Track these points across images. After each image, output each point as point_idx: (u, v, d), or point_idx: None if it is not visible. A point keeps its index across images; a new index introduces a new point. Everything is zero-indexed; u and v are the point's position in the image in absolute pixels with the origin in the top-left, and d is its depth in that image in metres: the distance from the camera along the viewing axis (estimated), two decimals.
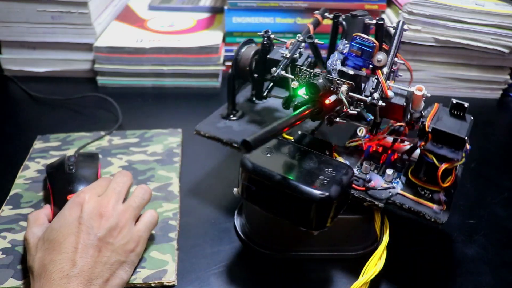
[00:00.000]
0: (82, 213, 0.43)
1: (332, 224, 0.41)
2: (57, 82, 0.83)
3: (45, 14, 0.78)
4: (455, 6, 0.75)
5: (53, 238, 0.42)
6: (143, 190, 0.49)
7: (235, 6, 0.82)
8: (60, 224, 0.43)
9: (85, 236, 0.42)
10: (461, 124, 0.44)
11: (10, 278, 0.45)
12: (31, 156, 0.63)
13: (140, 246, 0.46)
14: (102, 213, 0.44)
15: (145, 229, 0.47)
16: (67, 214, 0.44)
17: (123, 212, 0.45)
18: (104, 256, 0.42)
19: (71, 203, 0.45)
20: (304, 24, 0.83)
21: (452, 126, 0.44)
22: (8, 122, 0.72)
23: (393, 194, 0.44)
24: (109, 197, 0.46)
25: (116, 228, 0.44)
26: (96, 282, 0.40)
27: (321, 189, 0.39)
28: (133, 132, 0.68)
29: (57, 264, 0.40)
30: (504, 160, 0.66)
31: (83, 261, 0.40)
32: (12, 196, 0.56)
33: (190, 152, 0.65)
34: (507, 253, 0.50)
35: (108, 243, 0.43)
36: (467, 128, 0.44)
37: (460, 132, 0.43)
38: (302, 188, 0.39)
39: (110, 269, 0.42)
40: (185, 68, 0.80)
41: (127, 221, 0.45)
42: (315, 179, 0.40)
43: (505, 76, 0.79)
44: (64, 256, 0.40)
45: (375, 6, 0.81)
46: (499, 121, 0.77)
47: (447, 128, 0.43)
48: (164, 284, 0.46)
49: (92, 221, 0.43)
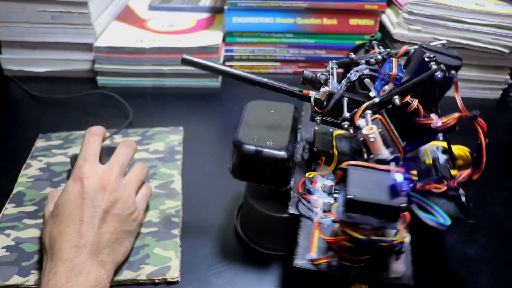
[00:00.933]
0: (84, 187, 0.45)
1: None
2: (57, 82, 0.83)
3: (45, 14, 0.78)
4: (455, 6, 0.75)
5: (59, 213, 0.44)
6: (141, 167, 0.53)
7: (235, 6, 0.82)
8: (64, 199, 0.45)
9: (90, 209, 0.44)
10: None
11: (14, 275, 0.46)
12: (34, 155, 0.63)
13: (141, 215, 0.49)
14: (105, 186, 0.46)
15: (144, 200, 0.51)
16: (70, 190, 0.46)
17: (126, 185, 0.48)
18: (110, 226, 0.44)
19: (72, 178, 0.47)
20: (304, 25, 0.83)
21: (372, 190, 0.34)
22: (8, 121, 0.72)
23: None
24: (112, 170, 0.48)
25: (120, 200, 0.46)
26: (104, 252, 0.43)
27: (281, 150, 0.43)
28: (135, 130, 0.68)
29: (66, 235, 0.42)
30: (504, 160, 0.66)
31: (90, 231, 0.43)
32: (15, 194, 0.56)
33: (191, 150, 0.65)
34: (507, 253, 0.50)
35: (114, 214, 0.45)
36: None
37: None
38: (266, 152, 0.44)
39: (116, 239, 0.45)
40: (185, 68, 0.80)
41: (130, 192, 0.48)
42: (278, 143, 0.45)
43: (505, 76, 0.79)
44: (72, 228, 0.42)
45: (375, 6, 0.81)
46: (499, 121, 0.77)
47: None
48: (167, 280, 0.46)
49: (96, 195, 0.45)
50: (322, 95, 0.43)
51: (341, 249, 0.37)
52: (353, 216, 0.34)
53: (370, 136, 0.36)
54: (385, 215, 0.33)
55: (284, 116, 0.50)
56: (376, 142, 0.36)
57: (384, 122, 0.39)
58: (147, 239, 0.50)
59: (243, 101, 0.53)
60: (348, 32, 0.84)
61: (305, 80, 0.46)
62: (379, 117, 0.39)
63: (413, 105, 0.39)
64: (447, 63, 0.39)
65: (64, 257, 0.41)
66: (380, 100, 0.39)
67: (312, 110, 0.44)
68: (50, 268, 0.40)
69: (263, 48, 0.86)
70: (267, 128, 0.47)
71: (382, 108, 0.40)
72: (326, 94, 0.43)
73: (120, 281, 0.45)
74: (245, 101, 0.53)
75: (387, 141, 0.38)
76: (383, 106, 0.40)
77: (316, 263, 0.37)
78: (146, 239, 0.50)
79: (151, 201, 0.55)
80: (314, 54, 0.86)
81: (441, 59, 0.40)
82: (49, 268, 0.41)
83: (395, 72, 0.39)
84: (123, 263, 0.47)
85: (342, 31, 0.84)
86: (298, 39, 0.85)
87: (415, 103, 0.39)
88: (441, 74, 0.36)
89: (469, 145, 0.46)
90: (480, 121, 0.38)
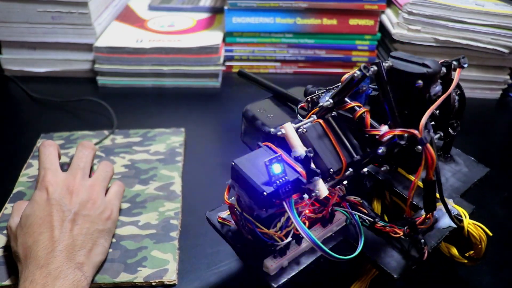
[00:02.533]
0: (50, 194, 0.46)
1: None
2: (57, 82, 0.83)
3: (45, 14, 0.78)
4: (454, 6, 0.75)
5: (30, 223, 0.44)
6: (106, 165, 0.53)
7: (235, 6, 0.82)
8: (33, 209, 0.45)
9: (59, 213, 0.44)
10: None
11: (12, 275, 0.46)
12: (35, 155, 0.63)
13: (114, 213, 0.49)
14: (71, 190, 0.47)
15: (116, 198, 0.51)
16: (38, 199, 0.46)
17: (92, 186, 0.49)
18: (83, 228, 0.45)
19: (38, 188, 0.47)
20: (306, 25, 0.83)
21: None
22: (8, 122, 0.72)
23: None
24: (75, 174, 0.49)
25: (89, 201, 0.47)
26: (81, 253, 0.43)
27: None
28: (136, 131, 0.68)
29: (40, 243, 0.42)
30: (504, 160, 0.66)
31: (63, 236, 0.43)
32: (15, 194, 0.56)
33: (192, 151, 0.65)
34: (507, 253, 0.50)
35: (84, 216, 0.46)
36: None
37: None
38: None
39: (91, 239, 0.45)
40: (185, 68, 0.80)
41: (98, 193, 0.48)
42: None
43: (504, 76, 0.80)
44: (45, 236, 0.43)
45: (375, 6, 0.81)
46: (498, 121, 0.77)
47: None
48: (165, 283, 0.46)
49: (63, 199, 0.46)
50: (306, 105, 0.43)
51: (237, 221, 0.38)
52: (234, 184, 0.35)
53: (280, 129, 0.36)
54: (253, 197, 0.33)
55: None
56: (288, 138, 0.36)
57: (325, 127, 0.38)
58: (145, 241, 0.50)
59: (243, 101, 0.53)
60: (348, 32, 0.84)
61: (306, 93, 0.48)
62: (319, 121, 0.38)
63: (358, 111, 0.37)
64: (406, 70, 0.38)
65: (40, 264, 0.40)
66: (324, 104, 0.39)
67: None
68: (26, 276, 0.40)
69: (263, 48, 0.86)
70: (278, 111, 0.52)
71: (326, 113, 0.39)
72: (308, 104, 0.43)
73: (117, 283, 0.45)
74: (245, 101, 0.53)
75: (315, 144, 0.37)
76: (325, 111, 0.39)
77: (220, 221, 0.41)
78: (144, 241, 0.50)
79: (150, 203, 0.55)
80: (314, 54, 0.86)
81: (402, 66, 0.38)
82: (24, 276, 0.40)
83: (344, 77, 0.38)
84: (120, 265, 0.47)
85: (342, 31, 0.84)
86: (298, 39, 0.85)
87: (362, 110, 0.37)
88: (358, 73, 0.35)
89: (472, 149, 0.46)
90: (428, 149, 0.33)
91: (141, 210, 0.54)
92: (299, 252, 0.39)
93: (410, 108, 0.39)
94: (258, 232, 0.35)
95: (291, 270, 0.37)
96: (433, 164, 0.33)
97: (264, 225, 0.35)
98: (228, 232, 0.40)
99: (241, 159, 0.35)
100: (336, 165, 0.36)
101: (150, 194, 0.56)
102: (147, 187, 0.58)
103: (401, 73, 0.38)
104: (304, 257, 0.39)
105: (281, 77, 0.87)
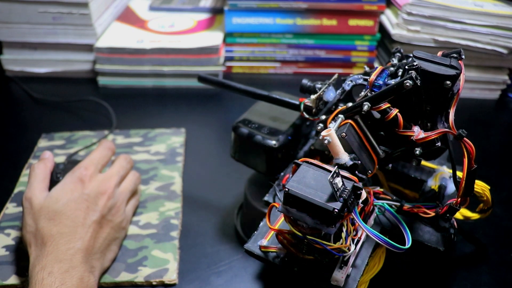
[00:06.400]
0: (86, 189, 0.46)
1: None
2: (58, 82, 0.83)
3: (46, 15, 0.78)
4: (454, 7, 0.75)
5: (60, 211, 0.44)
6: (136, 177, 0.54)
7: (235, 7, 0.82)
8: (66, 198, 0.45)
9: (91, 212, 0.45)
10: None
11: (13, 275, 0.46)
12: (36, 154, 0.63)
13: (128, 225, 0.51)
14: (105, 192, 0.47)
15: (132, 210, 0.52)
16: (72, 189, 0.46)
17: (121, 194, 0.50)
18: (104, 232, 0.46)
19: (74, 177, 0.47)
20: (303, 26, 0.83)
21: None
22: (9, 122, 0.73)
23: None
24: (112, 179, 0.49)
25: (115, 207, 0.48)
26: (95, 257, 0.44)
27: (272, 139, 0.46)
28: (137, 131, 0.68)
29: (64, 236, 0.42)
30: (503, 160, 0.66)
31: (87, 235, 0.44)
32: (16, 193, 0.56)
33: (192, 152, 0.65)
34: (506, 253, 0.51)
35: (108, 221, 0.47)
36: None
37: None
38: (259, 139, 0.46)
39: (107, 244, 0.46)
40: (186, 69, 0.80)
41: (123, 202, 0.49)
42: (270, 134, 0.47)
43: (503, 76, 0.80)
44: (71, 230, 0.43)
45: (375, 7, 0.81)
46: (498, 121, 0.77)
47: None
48: (165, 282, 0.46)
49: (97, 199, 0.46)
50: (312, 102, 0.44)
51: (290, 244, 0.37)
52: (291, 210, 0.33)
53: (325, 138, 0.35)
54: (319, 217, 0.32)
55: (291, 112, 0.50)
56: (333, 145, 0.35)
57: (356, 127, 0.38)
58: (145, 241, 0.50)
59: (243, 101, 0.53)
60: (347, 32, 0.84)
61: (303, 88, 0.47)
62: (349, 122, 0.38)
63: (391, 113, 0.36)
64: (438, 72, 0.37)
65: (59, 257, 0.41)
66: (352, 105, 0.38)
67: (302, 116, 0.45)
68: (43, 265, 0.40)
69: (263, 49, 0.86)
70: (270, 119, 0.49)
71: (355, 114, 0.38)
72: (316, 101, 0.43)
73: (117, 282, 0.46)
74: (245, 102, 0.53)
75: (354, 147, 0.36)
76: (355, 111, 0.38)
77: (264, 250, 0.38)
78: (144, 241, 0.50)
79: (151, 203, 0.55)
80: (313, 54, 0.86)
81: (432, 68, 0.37)
82: (42, 265, 0.40)
83: (372, 79, 0.38)
84: (121, 265, 0.47)
85: (342, 31, 0.84)
86: (298, 39, 0.85)
87: (395, 112, 0.36)
88: (410, 82, 0.35)
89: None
90: (466, 142, 0.35)
91: (142, 210, 0.54)
92: (354, 255, 0.38)
93: (433, 105, 0.39)
94: (330, 250, 0.34)
95: (356, 275, 0.37)
96: (473, 154, 0.35)
97: (327, 240, 0.35)
98: (277, 259, 0.38)
99: (291, 182, 0.33)
100: (371, 166, 0.37)
101: (151, 194, 0.57)
102: (148, 187, 0.58)
103: (429, 74, 0.37)
104: (358, 258, 0.38)
105: (281, 77, 0.87)
